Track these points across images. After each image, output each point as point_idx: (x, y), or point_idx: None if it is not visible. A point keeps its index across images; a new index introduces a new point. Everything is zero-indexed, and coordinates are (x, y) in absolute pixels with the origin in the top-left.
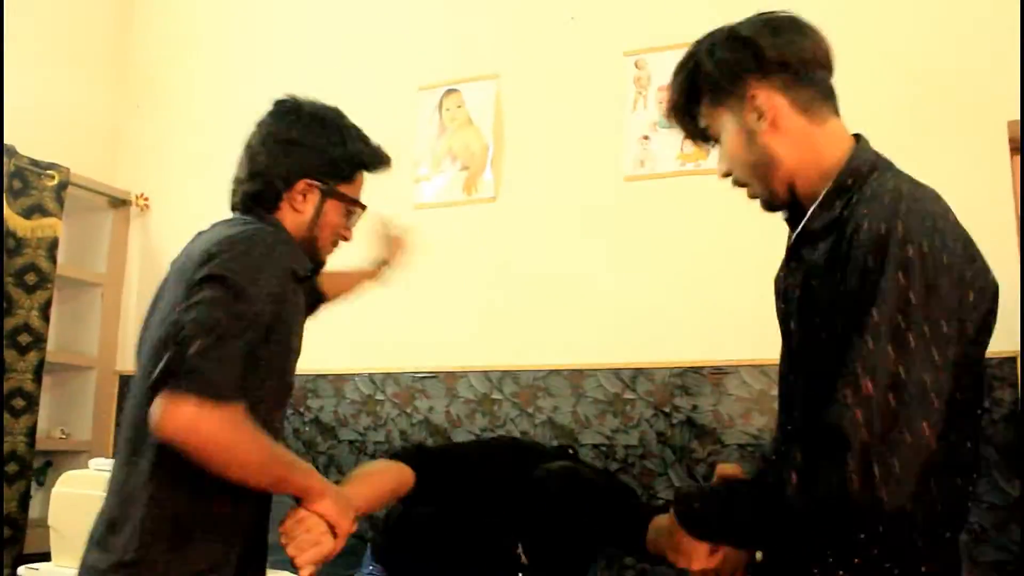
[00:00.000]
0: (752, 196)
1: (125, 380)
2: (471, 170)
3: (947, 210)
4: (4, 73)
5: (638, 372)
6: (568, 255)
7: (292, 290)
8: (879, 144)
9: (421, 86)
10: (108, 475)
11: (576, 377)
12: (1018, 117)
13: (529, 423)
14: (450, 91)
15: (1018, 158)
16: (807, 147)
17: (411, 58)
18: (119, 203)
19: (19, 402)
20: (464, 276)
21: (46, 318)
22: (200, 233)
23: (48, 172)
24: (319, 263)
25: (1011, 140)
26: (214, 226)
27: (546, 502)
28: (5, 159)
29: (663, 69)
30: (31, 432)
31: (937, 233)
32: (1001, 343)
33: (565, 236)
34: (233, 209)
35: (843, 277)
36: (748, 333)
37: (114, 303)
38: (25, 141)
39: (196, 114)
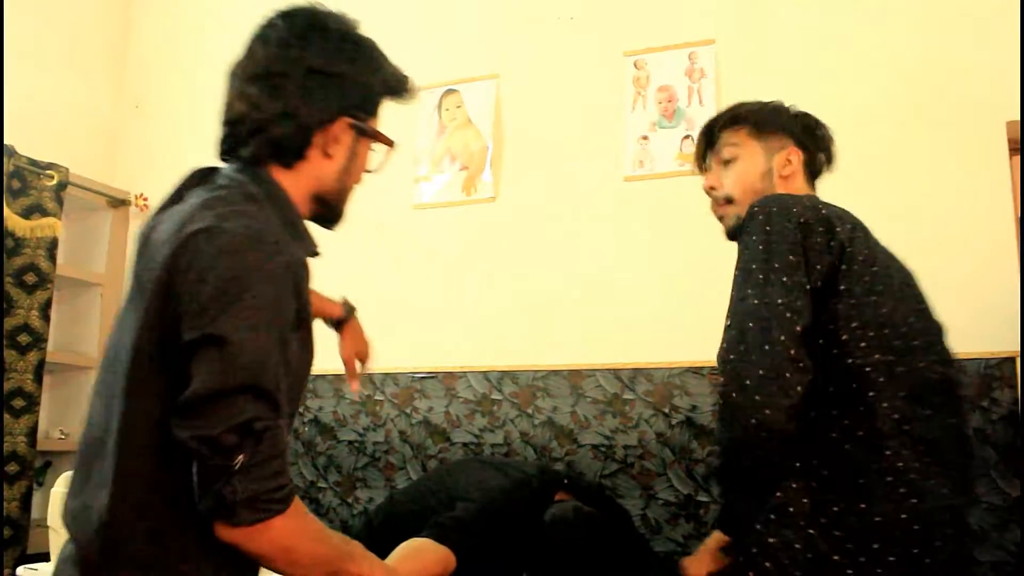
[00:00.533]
0: (723, 217)
1: None
2: (470, 170)
3: (810, 199)
4: (3, 73)
5: (637, 372)
6: (567, 255)
7: (304, 292)
8: (879, 143)
9: (420, 86)
10: None
11: (575, 377)
12: (1017, 117)
13: (528, 423)
14: (449, 91)
15: (1017, 158)
16: None
17: (410, 58)
18: (118, 203)
19: (19, 402)
20: (463, 276)
21: (46, 318)
22: (162, 214)
23: (47, 172)
24: (339, 218)
25: (1010, 140)
26: (196, 224)
27: (556, 548)
28: (5, 159)
29: (662, 69)
30: (32, 432)
31: (785, 201)
32: (999, 343)
33: (564, 236)
34: (228, 154)
35: None
36: None
37: (114, 303)
38: (24, 141)
39: (195, 114)
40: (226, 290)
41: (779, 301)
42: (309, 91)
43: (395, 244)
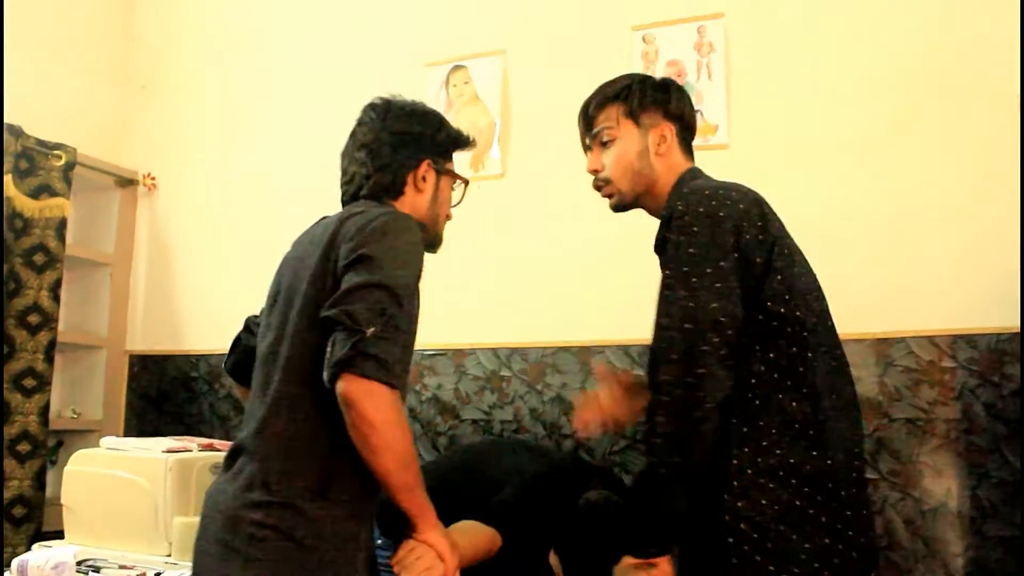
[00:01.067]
0: (608, 195)
1: (135, 360)
2: (478, 146)
3: (734, 188)
4: (4, 53)
5: (647, 348)
6: (576, 231)
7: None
8: (889, 115)
9: (427, 62)
10: (118, 453)
11: (585, 354)
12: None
13: (538, 400)
14: (456, 67)
15: None
16: (673, 174)
17: (417, 35)
18: (126, 183)
19: (30, 381)
20: (472, 253)
21: (56, 298)
22: (326, 219)
23: (55, 152)
24: (438, 241)
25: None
26: (350, 213)
27: (586, 532)
28: (12, 140)
29: (671, 44)
30: (44, 411)
31: (715, 198)
32: (1008, 319)
33: (573, 212)
34: (352, 199)
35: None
36: None
37: (123, 283)
38: (31, 121)
39: (202, 93)
40: (374, 232)
41: (713, 306)
42: (396, 148)
43: None
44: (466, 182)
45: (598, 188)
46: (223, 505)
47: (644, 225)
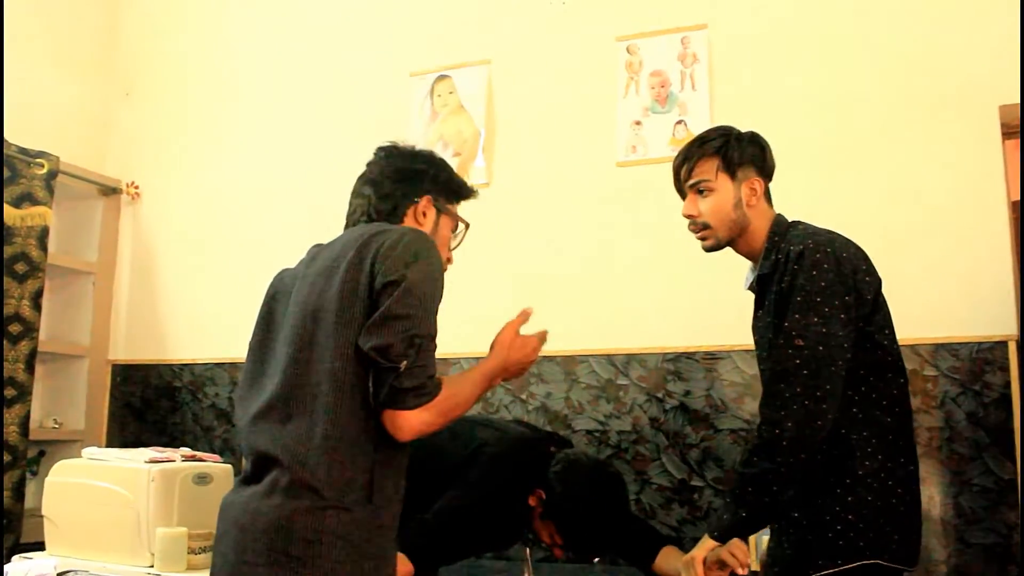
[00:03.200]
0: (703, 238)
1: (118, 369)
2: (463, 156)
3: (842, 237)
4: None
5: (631, 357)
6: (560, 241)
7: None
8: (872, 127)
9: (412, 72)
10: (100, 463)
11: (569, 363)
12: (1010, 101)
13: (522, 409)
14: (441, 77)
15: (1010, 142)
16: (764, 220)
17: (402, 44)
18: (109, 191)
19: (11, 391)
20: (456, 262)
21: (38, 307)
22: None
23: (37, 160)
24: None
25: (1003, 125)
26: (374, 232)
27: (567, 490)
28: None
29: (655, 54)
30: (24, 422)
31: (835, 242)
32: (992, 327)
33: (558, 221)
34: (354, 224)
35: (777, 285)
36: (741, 318)
37: (106, 292)
38: (13, 129)
39: (186, 101)
40: (405, 253)
41: (839, 333)
42: (397, 182)
43: None
44: (467, 225)
45: (695, 231)
46: (264, 515)
47: (628, 235)
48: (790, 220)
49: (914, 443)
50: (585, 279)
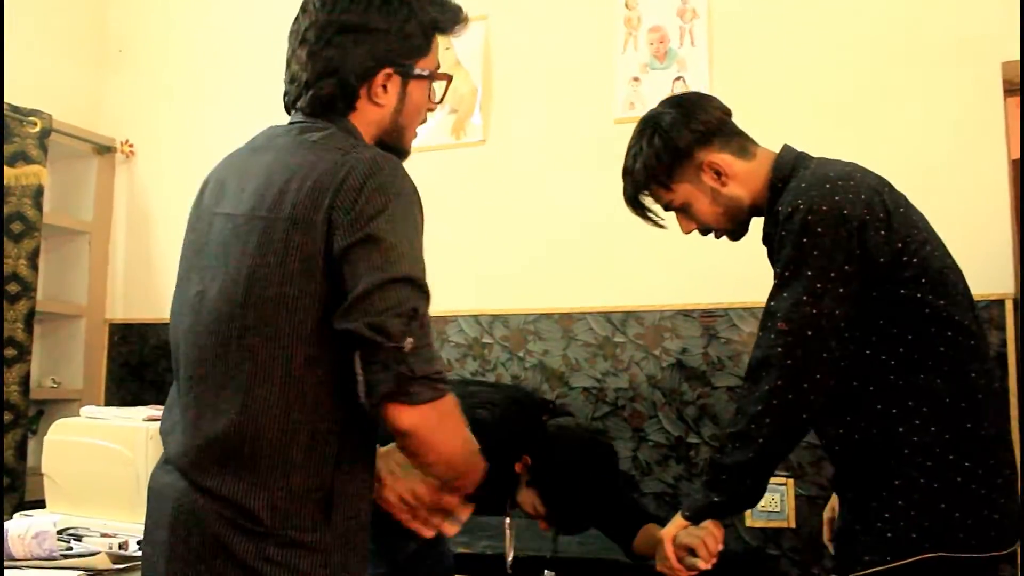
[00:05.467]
0: (719, 237)
1: (115, 328)
2: (459, 113)
3: (852, 177)
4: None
5: (628, 315)
6: (557, 198)
7: None
8: (871, 83)
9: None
10: (99, 422)
11: (566, 320)
12: (1012, 58)
13: (519, 366)
14: None
15: (1012, 99)
16: (755, 179)
17: None
18: (104, 150)
19: (10, 351)
20: (453, 220)
21: (34, 267)
22: (255, 146)
23: (30, 119)
24: (404, 154)
25: (1005, 82)
26: (288, 139)
27: (561, 457)
28: None
29: (654, 9)
30: (24, 381)
31: (837, 194)
32: (990, 285)
33: (555, 179)
34: (289, 109)
35: (775, 249)
36: (738, 276)
37: (102, 251)
38: (6, 87)
39: (180, 58)
40: (374, 199)
41: (836, 312)
42: (345, 49)
43: None
44: (448, 79)
45: (708, 235)
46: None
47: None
48: (799, 154)
49: (990, 405)
50: (582, 236)
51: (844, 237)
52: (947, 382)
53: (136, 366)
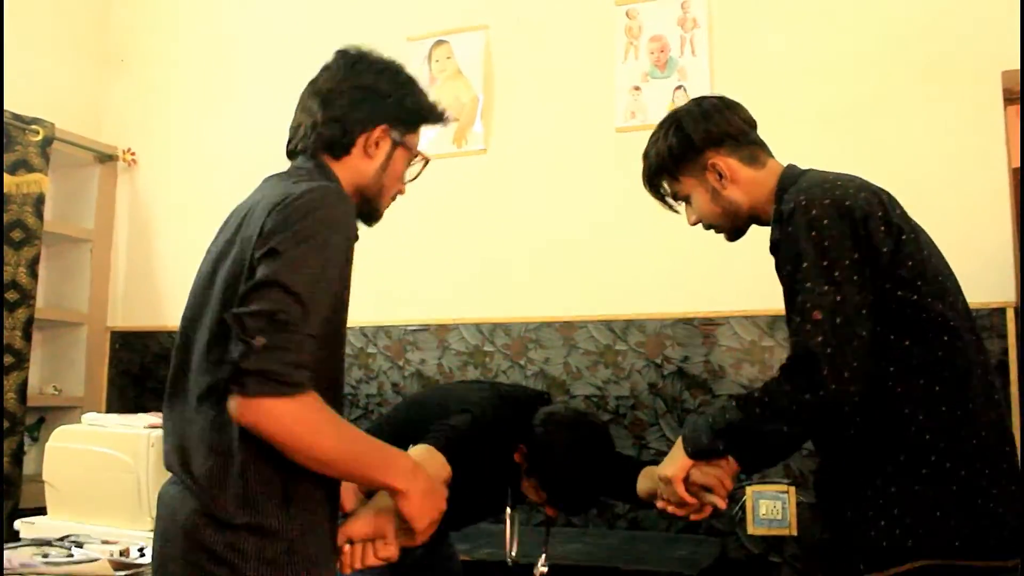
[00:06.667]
0: (719, 232)
1: (116, 336)
2: (461, 122)
3: (850, 179)
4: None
5: (629, 323)
6: (558, 207)
7: (351, 252)
8: (872, 91)
9: (409, 37)
10: (100, 429)
11: (567, 329)
12: (1012, 67)
13: (521, 374)
14: (439, 42)
15: (1012, 108)
16: (760, 187)
17: (399, 9)
18: (106, 158)
19: (8, 359)
20: (454, 228)
21: (34, 274)
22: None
23: (32, 127)
24: (377, 215)
25: (1005, 90)
26: (275, 179)
27: (551, 443)
28: None
29: (655, 19)
30: (22, 388)
31: (837, 190)
32: (991, 294)
33: (556, 187)
34: (295, 154)
35: (782, 251)
36: (739, 284)
37: (103, 259)
38: (7, 95)
39: (182, 67)
40: (289, 218)
41: (857, 298)
42: (355, 103)
43: None
44: (426, 160)
45: (709, 229)
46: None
47: (626, 201)
48: (803, 169)
49: (989, 413)
50: (584, 245)
51: (849, 226)
52: (945, 388)
53: (137, 373)
